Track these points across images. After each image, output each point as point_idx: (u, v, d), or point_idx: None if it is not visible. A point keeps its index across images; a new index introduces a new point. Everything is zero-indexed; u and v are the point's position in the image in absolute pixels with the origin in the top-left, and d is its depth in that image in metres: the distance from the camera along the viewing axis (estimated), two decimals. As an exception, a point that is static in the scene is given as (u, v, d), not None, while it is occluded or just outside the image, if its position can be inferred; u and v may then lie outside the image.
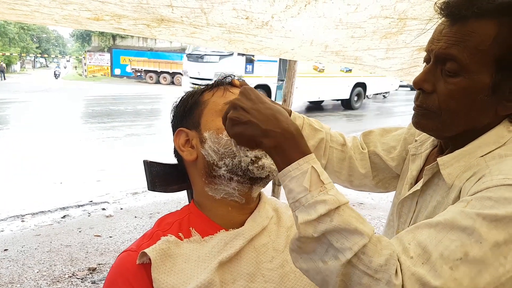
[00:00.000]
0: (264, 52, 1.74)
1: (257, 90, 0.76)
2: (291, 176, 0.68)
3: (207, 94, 0.90)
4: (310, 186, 0.66)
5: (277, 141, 0.69)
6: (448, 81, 0.79)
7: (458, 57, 0.76)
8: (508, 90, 0.77)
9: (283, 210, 0.97)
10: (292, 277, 0.85)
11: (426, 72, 0.82)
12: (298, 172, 0.67)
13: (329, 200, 0.65)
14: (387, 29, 1.33)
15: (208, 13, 1.19)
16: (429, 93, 0.82)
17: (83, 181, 5.67)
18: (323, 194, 0.65)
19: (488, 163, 0.78)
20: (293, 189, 0.67)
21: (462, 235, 0.65)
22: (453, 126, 0.82)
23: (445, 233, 0.66)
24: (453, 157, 0.83)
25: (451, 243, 0.64)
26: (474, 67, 0.76)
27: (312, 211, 0.65)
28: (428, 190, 0.90)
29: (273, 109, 0.71)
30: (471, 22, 0.76)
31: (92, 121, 10.86)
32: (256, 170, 0.81)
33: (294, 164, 0.67)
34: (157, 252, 0.78)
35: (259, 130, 0.69)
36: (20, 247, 3.69)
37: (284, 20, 1.26)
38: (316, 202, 0.65)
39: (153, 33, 1.48)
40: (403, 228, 0.97)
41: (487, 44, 0.75)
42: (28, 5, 1.26)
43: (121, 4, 1.19)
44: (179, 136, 0.89)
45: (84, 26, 1.49)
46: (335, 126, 3.08)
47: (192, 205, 0.91)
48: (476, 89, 0.77)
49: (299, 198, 0.66)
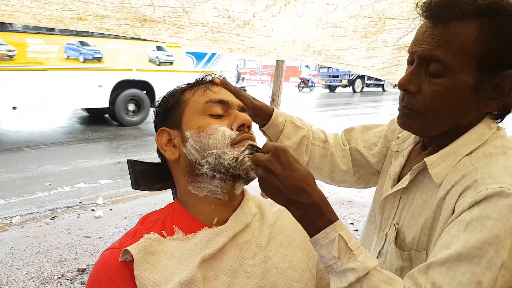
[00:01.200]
0: (248, 52, 1.76)
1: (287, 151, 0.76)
2: (320, 244, 0.72)
3: (188, 93, 0.91)
4: (339, 254, 0.71)
5: (303, 211, 0.73)
6: (433, 81, 0.81)
7: (442, 59, 0.78)
8: (490, 88, 0.80)
9: (267, 207, 0.98)
10: (274, 273, 0.86)
11: (411, 73, 0.84)
12: (327, 240, 0.72)
13: (358, 267, 0.70)
14: (366, 29, 1.35)
15: (190, 12, 1.19)
16: (414, 94, 0.84)
17: (72, 182, 5.63)
18: (352, 261, 0.70)
19: (476, 164, 0.80)
20: (324, 256, 0.72)
21: (471, 265, 0.69)
22: (438, 125, 0.84)
23: (455, 268, 0.69)
24: (439, 157, 0.85)
25: (463, 277, 0.68)
26: (458, 68, 0.78)
27: (343, 278, 0.70)
28: (412, 187, 0.92)
29: (301, 179, 0.74)
30: (453, 23, 0.78)
31: (82, 122, 10.76)
32: (238, 168, 0.82)
33: (322, 232, 0.72)
34: (140, 249, 0.78)
35: (286, 199, 0.74)
36: (8, 249, 3.66)
37: (265, 19, 1.28)
38: (346, 270, 0.70)
39: (136, 33, 1.48)
40: (385, 223, 0.98)
41: (470, 45, 0.77)
42: (10, 5, 1.25)
43: (102, 4, 1.19)
44: (161, 136, 0.90)
45: (68, 26, 1.49)
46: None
47: (176, 203, 0.91)
48: (460, 89, 0.79)
49: (330, 264, 0.72)
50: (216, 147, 0.82)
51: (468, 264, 0.69)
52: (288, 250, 0.91)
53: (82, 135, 8.88)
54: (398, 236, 0.93)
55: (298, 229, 0.95)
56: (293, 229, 0.95)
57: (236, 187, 0.87)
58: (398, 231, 0.93)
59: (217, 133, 0.83)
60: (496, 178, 0.74)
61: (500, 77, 0.79)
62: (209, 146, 0.83)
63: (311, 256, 0.93)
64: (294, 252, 0.91)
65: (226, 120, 0.86)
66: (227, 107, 0.88)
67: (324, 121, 11.34)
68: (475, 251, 0.69)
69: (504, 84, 0.79)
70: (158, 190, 1.04)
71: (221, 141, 0.83)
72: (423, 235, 0.86)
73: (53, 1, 1.20)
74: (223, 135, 0.83)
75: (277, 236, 0.92)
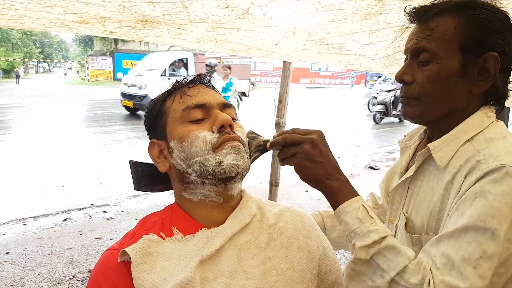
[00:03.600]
0: (251, 53, 1.75)
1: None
2: (346, 212, 0.84)
3: (168, 101, 0.89)
4: (363, 218, 0.82)
5: (337, 184, 0.87)
6: (424, 69, 0.92)
7: (428, 47, 0.91)
8: (477, 71, 0.90)
9: (267, 209, 0.96)
10: (274, 274, 0.85)
11: (405, 66, 0.96)
12: (352, 208, 0.84)
13: (379, 229, 0.81)
14: (366, 10, 1.35)
15: (189, 6, 1.19)
16: (410, 84, 0.95)
17: (85, 184, 5.70)
18: (374, 225, 0.82)
19: (478, 148, 0.87)
20: (349, 222, 0.84)
21: (476, 235, 0.76)
22: (434, 109, 0.93)
23: (462, 239, 0.77)
24: (442, 141, 0.93)
25: (469, 246, 0.76)
26: (442, 53, 0.90)
27: (367, 238, 0.81)
28: (419, 176, 0.99)
29: (336, 161, 0.89)
30: (435, 19, 0.91)
31: (94, 125, 10.91)
32: (224, 171, 0.81)
33: (348, 202, 0.85)
34: (137, 250, 0.78)
35: (326, 172, 0.86)
36: (21, 250, 3.72)
37: (264, 6, 1.27)
38: (370, 231, 0.81)
39: (139, 35, 1.48)
40: (395, 215, 1.04)
41: (450, 33, 0.89)
42: (15, 10, 1.27)
43: (104, 5, 1.20)
44: (152, 148, 0.89)
45: (72, 30, 1.51)
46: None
47: (175, 205, 0.91)
48: (447, 72, 0.90)
49: (355, 229, 0.83)
50: (199, 155, 0.81)
51: (473, 234, 0.76)
52: (288, 251, 0.89)
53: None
54: (407, 223, 0.99)
55: (299, 230, 0.94)
56: (294, 230, 0.93)
57: (229, 189, 0.86)
58: (407, 219, 0.99)
59: (198, 140, 0.82)
60: (498, 157, 0.82)
61: (483, 59, 0.89)
62: (192, 155, 0.82)
63: (312, 257, 0.92)
64: (294, 253, 0.90)
65: (207, 123, 0.84)
66: (207, 109, 0.86)
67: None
68: (480, 223, 0.76)
69: (489, 65, 0.89)
70: (160, 191, 1.03)
71: (202, 148, 0.81)
72: (432, 219, 0.92)
73: (56, 3, 1.21)
74: (204, 141, 0.81)
75: (277, 237, 0.90)
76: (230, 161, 0.80)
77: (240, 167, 0.81)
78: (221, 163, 0.80)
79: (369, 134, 11.00)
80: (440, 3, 0.92)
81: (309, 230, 0.95)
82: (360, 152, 8.36)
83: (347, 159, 7.41)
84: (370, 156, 7.96)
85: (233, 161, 0.81)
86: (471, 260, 0.74)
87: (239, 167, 0.81)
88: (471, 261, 0.74)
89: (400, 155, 1.10)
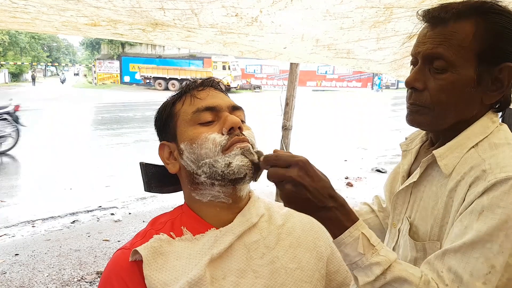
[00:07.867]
0: (259, 55, 1.75)
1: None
2: (345, 243, 0.77)
3: (178, 104, 0.90)
4: (364, 250, 0.76)
5: (332, 214, 0.78)
6: (437, 77, 0.87)
7: (445, 55, 0.85)
8: (490, 81, 0.86)
9: (275, 209, 0.97)
10: (282, 273, 0.85)
11: (416, 72, 0.90)
12: (351, 239, 0.77)
13: (382, 261, 0.76)
14: (374, 18, 1.35)
15: (199, 14, 1.20)
16: (421, 91, 0.89)
17: (92, 186, 5.74)
18: (375, 256, 0.76)
19: (483, 156, 0.84)
20: (349, 253, 0.77)
21: (484, 250, 0.74)
22: (445, 119, 0.89)
23: (469, 254, 0.75)
24: (447, 149, 0.90)
25: (477, 261, 0.74)
26: (460, 62, 0.85)
27: (369, 272, 0.76)
28: (422, 181, 0.96)
29: (327, 187, 0.78)
30: (451, 23, 0.86)
31: (102, 128, 10.99)
32: (233, 173, 0.81)
33: (346, 232, 0.77)
34: (149, 249, 0.79)
35: (316, 208, 0.77)
36: (30, 251, 3.75)
37: (272, 14, 1.28)
38: (371, 264, 0.76)
39: (149, 38, 1.50)
40: (397, 219, 1.02)
41: (468, 41, 0.84)
42: (28, 13, 1.29)
43: (115, 9, 1.21)
44: (162, 150, 0.91)
45: (83, 33, 1.53)
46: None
47: (185, 205, 0.93)
48: (463, 82, 0.86)
49: (356, 261, 0.77)
50: (208, 156, 0.82)
51: (481, 250, 0.74)
52: (297, 251, 0.90)
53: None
54: (411, 229, 0.96)
55: (307, 230, 0.94)
56: (302, 231, 0.94)
57: (238, 190, 0.87)
58: (411, 224, 0.96)
59: (208, 142, 0.83)
60: (504, 167, 0.79)
61: (498, 70, 0.85)
62: (202, 156, 0.83)
63: (320, 257, 0.92)
64: (303, 253, 0.90)
65: (216, 125, 0.86)
66: (217, 112, 0.87)
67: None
68: (487, 238, 0.74)
69: (503, 76, 0.86)
70: (170, 193, 1.04)
71: (212, 150, 0.82)
72: (435, 225, 0.90)
73: (68, 7, 1.23)
74: (214, 143, 0.82)
75: (286, 237, 0.91)
76: (239, 162, 0.81)
77: (249, 166, 0.82)
78: (230, 164, 0.81)
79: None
80: (457, 4, 0.86)
81: (317, 231, 0.96)
82: (366, 155, 8.34)
83: (354, 162, 7.38)
84: (376, 159, 7.93)
85: (242, 162, 0.81)
86: (480, 276, 0.73)
87: (248, 166, 0.82)
88: (480, 277, 0.73)
89: (402, 158, 1.07)
